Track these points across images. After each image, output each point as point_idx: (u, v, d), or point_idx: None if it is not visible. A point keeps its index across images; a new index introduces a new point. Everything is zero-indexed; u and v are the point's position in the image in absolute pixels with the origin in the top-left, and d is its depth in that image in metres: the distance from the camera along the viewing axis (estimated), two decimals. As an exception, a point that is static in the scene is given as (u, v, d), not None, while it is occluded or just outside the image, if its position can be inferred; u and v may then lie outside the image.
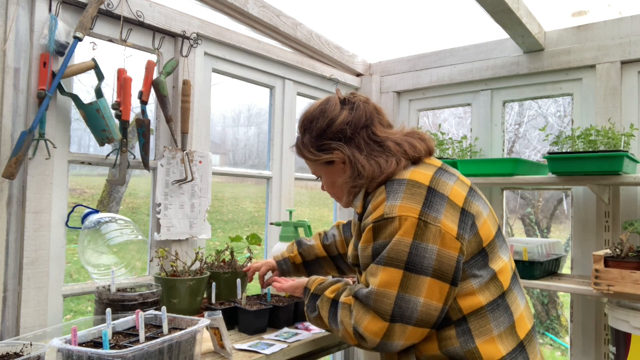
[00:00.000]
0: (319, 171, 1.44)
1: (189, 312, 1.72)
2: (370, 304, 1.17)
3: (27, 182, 1.63)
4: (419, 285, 1.14)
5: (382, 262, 1.17)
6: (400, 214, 1.16)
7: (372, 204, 1.24)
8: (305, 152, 1.40)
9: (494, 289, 1.21)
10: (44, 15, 1.66)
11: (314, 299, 1.38)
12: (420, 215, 1.16)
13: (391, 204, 1.19)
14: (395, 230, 1.16)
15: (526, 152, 7.01)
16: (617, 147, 2.02)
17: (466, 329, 1.17)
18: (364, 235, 1.23)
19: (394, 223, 1.17)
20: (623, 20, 2.30)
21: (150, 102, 1.95)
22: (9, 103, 1.59)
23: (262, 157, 8.42)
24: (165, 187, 2.02)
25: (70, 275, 5.56)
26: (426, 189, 1.20)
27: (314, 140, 1.37)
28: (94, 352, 1.10)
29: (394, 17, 2.65)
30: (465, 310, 1.18)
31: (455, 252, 1.16)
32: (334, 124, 1.34)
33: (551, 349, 5.61)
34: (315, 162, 1.39)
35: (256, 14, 2.30)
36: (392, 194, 1.21)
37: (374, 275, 1.18)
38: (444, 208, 1.18)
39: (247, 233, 2.16)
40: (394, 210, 1.17)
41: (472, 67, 2.74)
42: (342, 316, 1.25)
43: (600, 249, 2.21)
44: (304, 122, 1.41)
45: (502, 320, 1.19)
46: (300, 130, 1.43)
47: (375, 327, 1.16)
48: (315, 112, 1.38)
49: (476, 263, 1.21)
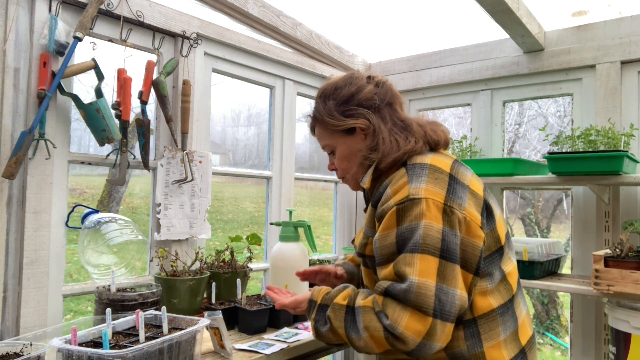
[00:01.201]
0: (335, 141, 1.36)
1: (189, 312, 1.72)
2: (411, 299, 1.03)
3: (27, 182, 1.63)
4: (455, 276, 1.06)
5: (419, 249, 1.06)
6: (427, 197, 1.09)
7: (392, 188, 1.17)
8: (327, 118, 1.33)
9: (505, 292, 1.17)
10: (44, 15, 1.66)
11: (322, 310, 1.22)
12: (446, 201, 1.10)
13: (416, 186, 1.12)
14: (423, 213, 1.08)
15: (526, 152, 7.01)
16: (617, 147, 2.02)
17: (475, 332, 1.13)
18: (385, 221, 1.13)
19: (421, 205, 1.09)
20: (623, 20, 2.30)
21: (150, 102, 1.95)
22: (9, 103, 1.59)
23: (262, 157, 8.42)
24: (165, 187, 2.02)
25: (70, 275, 5.56)
26: (448, 176, 1.16)
27: (339, 105, 1.32)
28: (94, 352, 1.10)
29: (394, 17, 2.65)
30: (477, 312, 1.13)
31: (479, 242, 1.11)
32: (362, 91, 1.31)
33: (551, 349, 5.61)
34: (335, 129, 1.32)
35: (256, 14, 2.30)
36: (414, 177, 1.15)
37: (409, 264, 1.06)
38: (466, 196, 1.14)
39: (247, 233, 2.16)
40: (419, 192, 1.10)
41: (472, 67, 2.74)
42: (366, 321, 1.09)
43: (600, 249, 2.21)
44: (327, 90, 1.36)
45: (509, 324, 1.16)
46: (321, 99, 1.37)
47: (418, 325, 1.02)
48: (340, 82, 1.35)
49: (494, 261, 1.17)
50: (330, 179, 3.04)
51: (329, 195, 3.12)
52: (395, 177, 1.19)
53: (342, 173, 1.40)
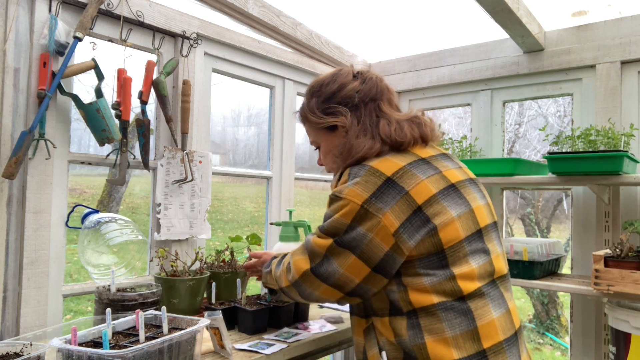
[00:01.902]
0: (319, 138, 1.43)
1: (189, 312, 1.72)
2: (308, 248, 1.28)
3: (27, 182, 1.63)
4: (343, 259, 1.22)
5: (323, 230, 1.26)
6: (345, 197, 1.22)
7: (340, 181, 1.29)
8: (310, 115, 1.39)
9: (450, 291, 1.18)
10: (44, 15, 1.66)
11: (271, 261, 1.49)
12: (365, 203, 1.19)
13: (345, 186, 1.25)
14: (339, 208, 1.23)
15: (526, 152, 7.02)
16: (617, 147, 2.02)
17: (416, 323, 1.18)
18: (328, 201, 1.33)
19: (340, 202, 1.23)
20: (623, 20, 2.30)
21: (150, 102, 1.95)
22: (9, 103, 1.59)
23: (262, 157, 8.43)
24: (165, 187, 2.02)
25: (70, 275, 5.56)
26: (384, 180, 1.21)
27: (320, 102, 1.37)
28: (94, 352, 1.10)
29: (394, 17, 2.65)
30: (416, 304, 1.19)
31: (386, 246, 1.19)
32: (343, 89, 1.35)
33: (551, 349, 5.61)
34: (318, 126, 1.39)
35: (256, 14, 2.30)
36: (351, 177, 1.26)
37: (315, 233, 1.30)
38: (395, 202, 1.19)
39: (247, 233, 2.16)
40: (342, 192, 1.24)
41: (472, 67, 2.74)
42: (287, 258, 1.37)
43: (600, 249, 2.21)
44: (314, 87, 1.42)
45: (457, 322, 1.16)
46: (307, 95, 1.43)
47: (302, 265, 1.28)
48: (327, 78, 1.40)
49: (430, 263, 1.19)
50: (330, 179, 3.03)
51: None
52: (344, 173, 1.31)
53: (328, 168, 1.47)
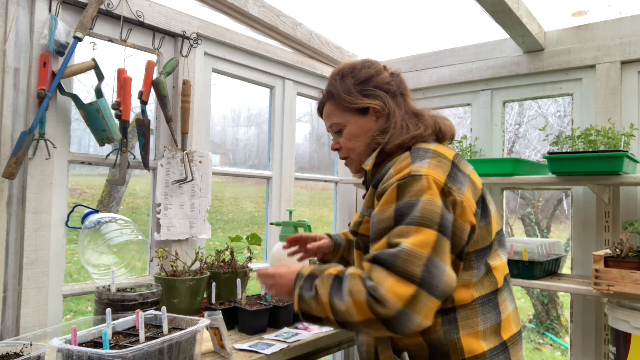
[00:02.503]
0: (345, 119, 1.35)
1: (189, 312, 1.72)
2: (398, 264, 1.02)
3: (27, 182, 1.63)
4: (447, 252, 1.07)
5: (415, 222, 1.05)
6: (428, 174, 1.12)
7: (395, 168, 1.19)
8: (344, 94, 1.33)
9: (488, 284, 1.20)
10: (44, 15, 1.66)
11: (310, 278, 1.19)
12: (446, 182, 1.12)
13: (419, 165, 1.15)
14: (424, 189, 1.09)
15: (526, 152, 7.02)
16: (617, 147, 2.02)
17: (452, 319, 1.15)
18: (386, 196, 1.13)
19: (422, 181, 1.10)
20: (623, 20, 2.30)
21: (150, 102, 1.95)
22: (9, 103, 1.59)
23: (262, 157, 8.42)
24: (165, 187, 2.02)
25: (70, 275, 5.56)
26: (451, 162, 1.20)
27: (357, 84, 1.33)
28: (94, 352, 1.10)
29: (394, 17, 2.65)
30: (457, 302, 1.15)
31: (468, 227, 1.13)
32: (380, 75, 1.33)
33: (551, 349, 5.61)
34: (351, 106, 1.32)
35: (256, 14, 2.30)
36: (418, 159, 1.18)
37: (403, 235, 1.05)
38: (466, 184, 1.17)
39: (247, 233, 2.16)
40: (421, 170, 1.13)
41: (472, 67, 2.74)
42: (351, 285, 1.06)
43: (600, 249, 2.21)
44: (344, 69, 1.36)
45: (489, 316, 1.18)
46: (338, 77, 1.36)
47: (401, 289, 1.00)
48: (357, 64, 1.36)
49: (483, 255, 1.19)
50: (330, 179, 3.04)
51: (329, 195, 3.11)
52: (399, 159, 1.22)
53: (346, 153, 1.38)
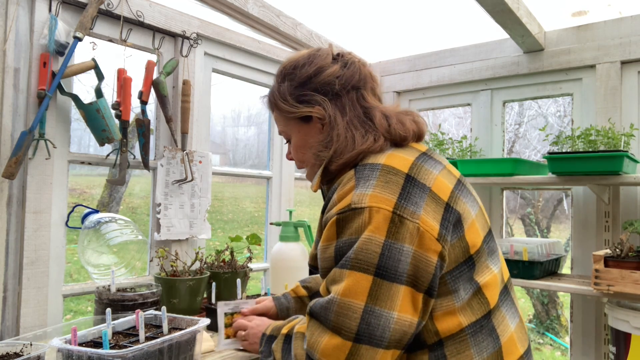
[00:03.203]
0: (290, 129, 1.20)
1: (189, 312, 1.72)
2: (330, 318, 0.92)
3: (27, 182, 1.63)
4: (392, 296, 0.91)
5: (348, 266, 0.93)
6: (370, 205, 0.94)
7: (338, 193, 1.01)
8: (280, 102, 1.16)
9: (478, 307, 1.00)
10: (44, 15, 1.66)
11: (269, 342, 1.12)
12: (395, 208, 0.94)
13: (361, 192, 0.96)
14: (365, 224, 0.93)
15: (526, 152, 7.02)
16: (617, 147, 2.02)
17: (441, 355, 0.97)
18: (326, 231, 0.99)
19: (363, 215, 0.94)
20: (623, 20, 2.30)
21: (150, 102, 1.95)
22: (9, 103, 1.59)
23: (262, 157, 8.43)
24: (165, 187, 2.02)
25: (70, 275, 5.56)
26: (404, 177, 0.99)
27: (293, 88, 1.15)
28: (94, 352, 1.10)
29: (394, 17, 2.65)
30: (443, 334, 0.97)
31: (434, 257, 0.94)
32: (321, 73, 1.13)
33: (551, 349, 5.61)
34: (289, 116, 1.16)
35: (256, 14, 2.30)
36: (362, 181, 0.99)
37: (336, 282, 0.94)
38: (424, 201, 0.97)
39: (247, 233, 2.16)
40: (363, 200, 0.95)
41: (472, 67, 2.74)
42: (296, 348, 0.99)
43: (600, 249, 2.21)
44: (285, 68, 1.19)
45: (485, 345, 0.99)
46: (278, 78, 1.20)
47: (334, 349, 0.90)
48: (301, 59, 1.17)
49: (461, 274, 0.99)
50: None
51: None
52: (343, 180, 1.04)
53: (299, 164, 1.24)
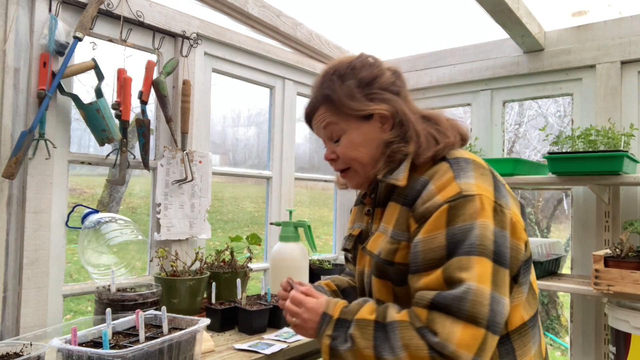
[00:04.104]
0: (346, 126, 1.16)
1: (189, 312, 1.72)
2: (466, 308, 0.89)
3: (27, 182, 1.63)
4: (505, 282, 0.95)
5: (476, 252, 0.93)
6: (480, 193, 0.97)
7: (436, 184, 1.01)
8: (346, 99, 1.13)
9: (533, 302, 1.07)
10: (44, 15, 1.66)
11: (342, 326, 1.03)
12: (495, 198, 0.99)
13: (466, 181, 0.99)
14: (478, 211, 0.95)
15: (526, 152, 7.02)
16: (617, 147, 2.02)
17: (510, 349, 1.01)
18: (433, 221, 0.98)
19: (476, 202, 0.96)
20: (623, 20, 2.30)
21: (150, 102, 1.95)
22: (9, 103, 1.59)
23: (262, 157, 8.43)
24: (165, 187, 2.02)
25: (70, 275, 5.56)
26: (490, 172, 1.05)
27: (362, 86, 1.14)
28: (94, 352, 1.10)
29: (394, 17, 2.65)
30: (510, 327, 1.01)
31: (523, 245, 1.02)
32: (383, 75, 1.15)
33: (551, 349, 5.61)
34: (355, 113, 1.14)
35: (256, 14, 2.30)
36: (461, 172, 1.02)
37: (465, 269, 0.92)
38: (508, 195, 1.04)
39: (247, 233, 2.16)
40: (472, 188, 0.98)
41: (472, 67, 2.74)
42: (405, 338, 0.93)
43: (600, 249, 2.21)
44: (341, 68, 1.17)
45: (537, 337, 1.07)
46: (335, 76, 1.16)
47: (471, 339, 0.89)
48: (356, 62, 1.17)
49: (527, 268, 1.06)
50: (330, 179, 3.04)
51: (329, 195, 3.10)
52: (437, 171, 1.04)
53: (347, 163, 1.19)
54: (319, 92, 1.19)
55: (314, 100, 1.21)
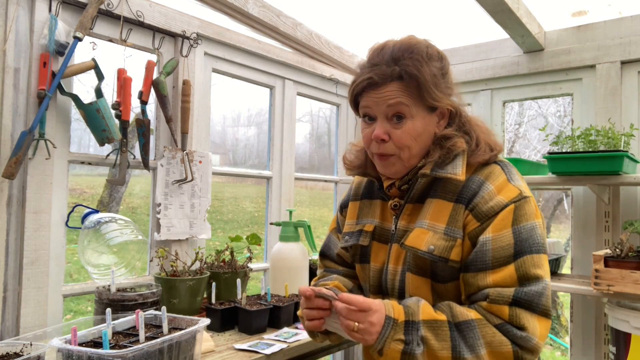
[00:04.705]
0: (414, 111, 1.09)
1: (189, 312, 1.72)
2: (543, 303, 0.99)
3: (27, 182, 1.63)
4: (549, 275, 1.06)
5: (543, 250, 1.03)
6: (531, 195, 1.07)
7: (495, 184, 1.06)
8: (432, 86, 1.08)
9: None
10: (44, 15, 1.66)
11: (413, 328, 0.99)
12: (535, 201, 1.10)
13: (518, 184, 1.07)
14: (534, 211, 1.05)
15: (526, 152, 7.02)
16: (617, 147, 2.02)
17: None
18: (501, 219, 1.02)
19: (532, 203, 1.06)
20: (623, 20, 2.30)
21: (150, 102, 1.95)
22: (9, 103, 1.59)
23: (262, 157, 8.43)
24: (165, 187, 2.02)
25: (70, 275, 5.56)
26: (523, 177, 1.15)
27: (442, 77, 1.13)
28: (94, 352, 1.10)
29: (394, 17, 2.65)
30: None
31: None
32: (450, 70, 1.17)
33: (551, 349, 5.61)
34: (430, 102, 1.10)
35: (256, 14, 2.30)
36: (512, 175, 1.09)
37: (539, 266, 1.01)
38: None
39: (247, 233, 2.16)
40: (526, 191, 1.07)
41: (472, 67, 2.74)
42: (487, 336, 0.96)
43: (600, 249, 2.21)
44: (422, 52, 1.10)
45: None
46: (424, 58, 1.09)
47: (545, 329, 0.99)
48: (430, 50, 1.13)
49: None
50: (330, 179, 3.04)
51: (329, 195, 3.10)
52: (492, 172, 1.09)
53: (397, 149, 1.11)
54: (401, 66, 1.07)
55: (388, 71, 1.08)
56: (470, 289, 1.04)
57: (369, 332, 1.00)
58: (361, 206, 1.29)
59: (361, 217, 1.27)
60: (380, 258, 1.19)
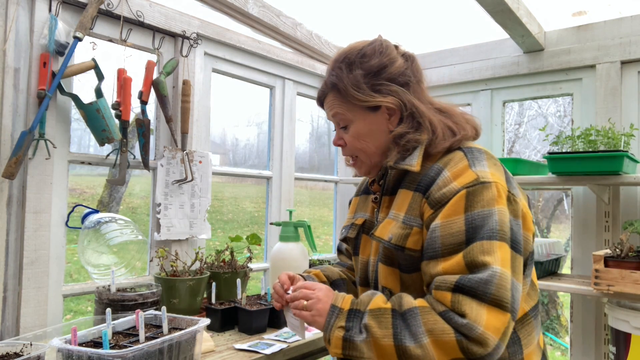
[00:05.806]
0: (352, 116, 1.16)
1: (189, 312, 1.72)
2: (491, 291, 0.90)
3: (27, 182, 1.63)
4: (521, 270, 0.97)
5: (497, 237, 0.94)
6: (495, 180, 0.99)
7: (451, 171, 1.03)
8: (352, 89, 1.12)
9: (533, 293, 1.11)
10: (44, 15, 1.66)
11: (354, 316, 1.00)
12: (508, 189, 1.02)
13: (481, 169, 1.01)
14: (495, 197, 0.97)
15: (526, 152, 7.02)
16: (617, 147, 2.02)
17: (516, 339, 1.03)
18: (451, 206, 0.98)
19: (492, 189, 0.98)
20: (623, 20, 2.30)
21: (150, 102, 1.95)
22: (9, 103, 1.59)
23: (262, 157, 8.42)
24: (165, 187, 2.02)
25: (70, 275, 5.56)
26: (501, 164, 1.09)
27: (368, 77, 1.12)
28: (94, 352, 1.10)
29: (394, 17, 2.65)
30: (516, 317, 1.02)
31: (531, 236, 1.05)
32: (393, 64, 1.13)
33: (551, 349, 5.61)
34: (360, 104, 1.13)
35: (256, 14, 2.30)
36: (476, 161, 1.04)
37: (489, 253, 0.93)
38: (518, 187, 1.08)
39: (247, 233, 2.16)
40: (488, 176, 1.00)
41: (472, 67, 2.74)
42: (429, 324, 0.92)
43: (600, 249, 2.21)
44: (350, 56, 1.15)
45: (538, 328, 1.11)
46: (343, 64, 1.15)
47: (498, 322, 0.89)
48: (367, 49, 1.15)
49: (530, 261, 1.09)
50: (330, 179, 3.04)
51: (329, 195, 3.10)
52: (452, 159, 1.06)
53: (353, 151, 1.19)
54: (328, 78, 1.18)
55: (324, 85, 1.20)
56: (425, 278, 1.02)
57: (318, 311, 1.04)
58: (359, 201, 1.36)
59: (357, 212, 1.34)
60: (367, 251, 1.22)
